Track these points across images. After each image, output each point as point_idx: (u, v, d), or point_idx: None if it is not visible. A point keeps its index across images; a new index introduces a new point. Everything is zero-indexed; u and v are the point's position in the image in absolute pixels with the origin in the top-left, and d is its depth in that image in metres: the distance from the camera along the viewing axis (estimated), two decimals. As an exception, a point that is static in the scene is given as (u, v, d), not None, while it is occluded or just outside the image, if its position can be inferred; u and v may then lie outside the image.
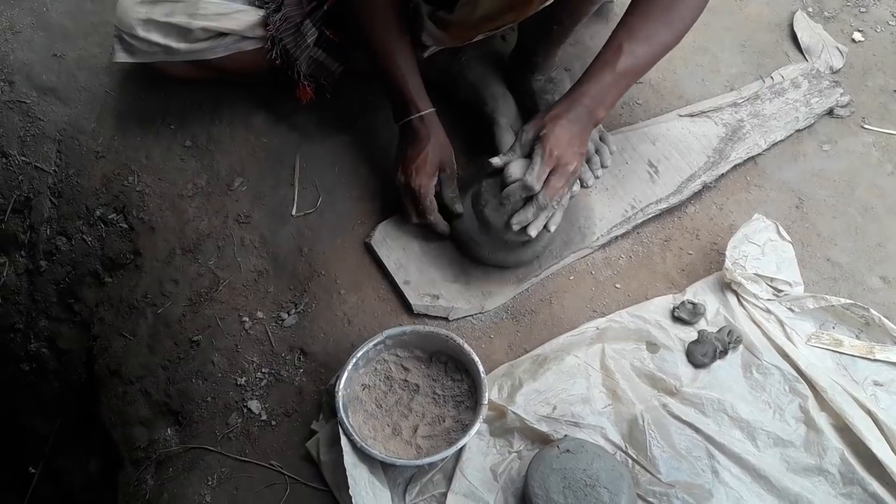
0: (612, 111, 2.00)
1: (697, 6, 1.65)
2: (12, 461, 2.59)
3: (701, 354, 1.67)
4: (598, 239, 1.86)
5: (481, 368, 1.60)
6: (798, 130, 2.04)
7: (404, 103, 1.76)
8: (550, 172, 1.61)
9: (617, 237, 1.89)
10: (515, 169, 1.63)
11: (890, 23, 2.28)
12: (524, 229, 1.65)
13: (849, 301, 1.71)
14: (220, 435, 1.72)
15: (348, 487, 1.48)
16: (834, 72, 2.16)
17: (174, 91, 2.11)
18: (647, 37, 1.63)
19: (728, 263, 1.73)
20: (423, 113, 1.76)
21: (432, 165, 1.77)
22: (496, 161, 1.67)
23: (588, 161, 1.86)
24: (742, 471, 1.55)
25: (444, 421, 1.62)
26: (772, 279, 1.74)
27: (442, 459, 1.57)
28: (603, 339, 1.71)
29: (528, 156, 1.65)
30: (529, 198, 1.63)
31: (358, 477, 1.50)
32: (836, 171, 1.99)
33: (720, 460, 1.56)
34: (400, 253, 1.85)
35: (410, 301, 1.79)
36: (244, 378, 1.76)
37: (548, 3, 1.54)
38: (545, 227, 1.67)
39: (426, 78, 1.93)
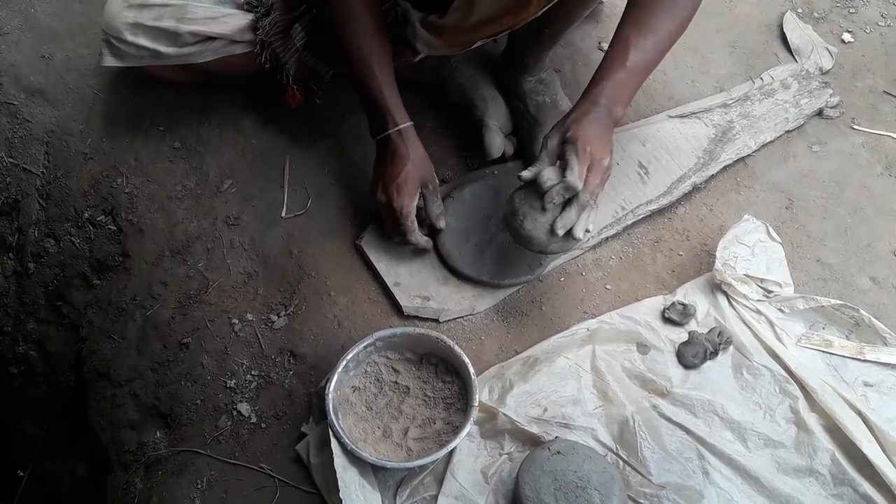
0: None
1: None
2: (0, 464, 2.58)
3: (691, 355, 1.67)
4: (588, 240, 1.86)
5: (472, 370, 1.60)
6: (788, 131, 2.04)
7: (381, 117, 1.74)
8: (587, 170, 1.58)
9: (607, 238, 1.89)
10: (550, 174, 1.58)
11: (879, 23, 2.28)
12: (568, 234, 1.60)
13: (839, 302, 1.71)
14: (209, 438, 1.71)
15: (338, 490, 1.47)
16: (823, 73, 2.17)
17: (163, 93, 2.10)
18: (653, 29, 1.62)
19: (718, 264, 1.73)
20: (400, 127, 1.73)
21: (414, 184, 1.75)
22: (526, 174, 1.62)
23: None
24: (733, 472, 1.55)
25: (435, 423, 1.62)
26: (762, 280, 1.75)
27: (432, 462, 1.57)
28: (593, 341, 1.71)
29: (555, 163, 1.61)
30: (567, 201, 1.59)
31: (348, 479, 1.50)
32: (826, 171, 2.00)
33: (711, 461, 1.56)
34: (390, 255, 1.84)
35: (401, 303, 1.79)
36: (234, 380, 1.75)
37: (545, 9, 1.54)
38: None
39: (415, 80, 1.94)
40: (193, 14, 1.84)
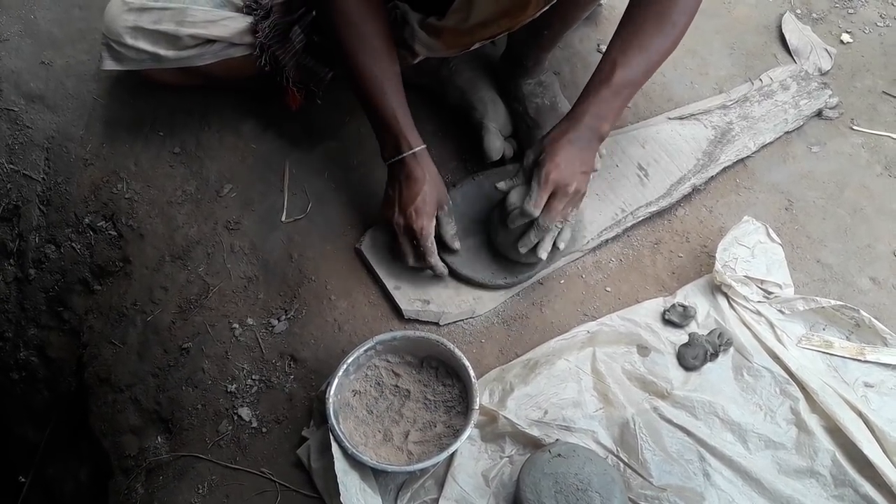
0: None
1: (690, 11, 1.64)
2: (2, 470, 2.58)
3: (692, 357, 1.67)
4: (588, 243, 1.86)
5: (472, 373, 1.60)
6: (787, 132, 2.05)
7: (395, 140, 1.71)
8: (551, 196, 1.62)
9: (607, 241, 1.89)
10: (514, 196, 1.66)
11: (878, 24, 2.28)
12: (534, 251, 1.68)
13: (839, 303, 1.71)
14: (210, 443, 1.71)
15: (339, 494, 1.47)
16: (822, 73, 2.17)
17: (163, 98, 2.11)
18: (642, 46, 1.63)
19: (718, 266, 1.73)
20: (415, 150, 1.72)
21: (431, 206, 1.73)
22: (501, 185, 1.69)
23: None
24: (734, 473, 1.55)
25: (436, 426, 1.61)
26: (762, 281, 1.75)
27: (433, 465, 1.56)
28: (594, 343, 1.71)
29: (529, 179, 1.66)
30: (530, 223, 1.65)
31: (349, 483, 1.50)
32: (826, 172, 2.00)
33: (712, 463, 1.56)
34: (390, 258, 1.84)
35: (401, 306, 1.79)
36: (234, 385, 1.75)
37: (543, 11, 1.54)
38: (555, 245, 1.70)
39: (414, 82, 1.94)
40: (193, 17, 1.84)
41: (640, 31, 1.63)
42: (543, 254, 1.69)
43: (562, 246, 1.71)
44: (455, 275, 1.81)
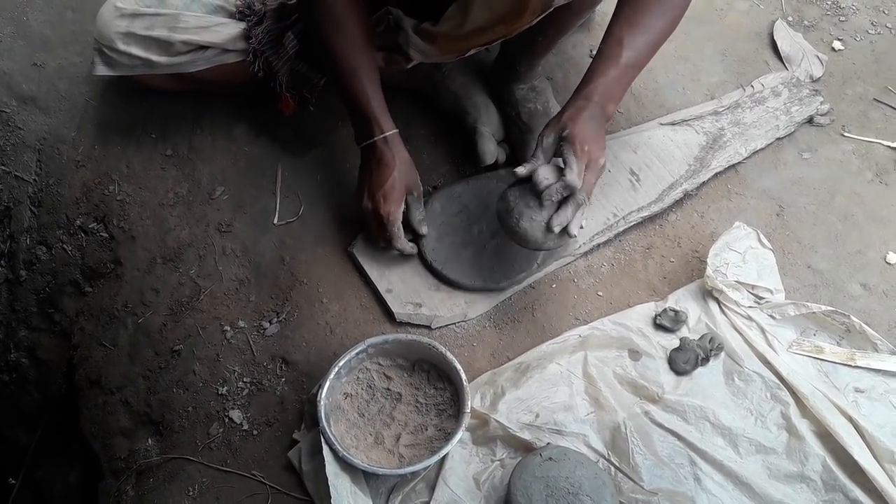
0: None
1: None
2: (-8, 472, 2.57)
3: (683, 362, 1.68)
4: (580, 247, 1.86)
5: (464, 377, 1.60)
6: (778, 138, 2.05)
7: (367, 125, 1.74)
8: (585, 169, 1.60)
9: (599, 245, 1.89)
10: (547, 172, 1.60)
11: (869, 31, 2.29)
12: (564, 230, 1.61)
13: (830, 308, 1.72)
14: (201, 445, 1.71)
15: (330, 497, 1.47)
16: (814, 80, 2.17)
17: (155, 100, 2.10)
18: (645, 27, 1.63)
19: (709, 271, 1.74)
20: (386, 134, 1.73)
21: (399, 191, 1.75)
22: (522, 171, 1.62)
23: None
24: (724, 478, 1.55)
25: (427, 429, 1.61)
26: (753, 286, 1.75)
27: (424, 468, 1.57)
28: (585, 347, 1.71)
29: (549, 160, 1.63)
30: (564, 199, 1.60)
31: (340, 486, 1.50)
32: (817, 178, 2.01)
33: (702, 467, 1.56)
34: (382, 261, 1.84)
35: (393, 309, 1.79)
36: (225, 387, 1.75)
37: (539, 18, 1.54)
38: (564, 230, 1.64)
39: (408, 87, 1.94)
40: (185, 23, 1.84)
41: (642, 12, 1.62)
42: (576, 230, 1.62)
43: (584, 224, 1.66)
44: (443, 279, 1.81)
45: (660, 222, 1.93)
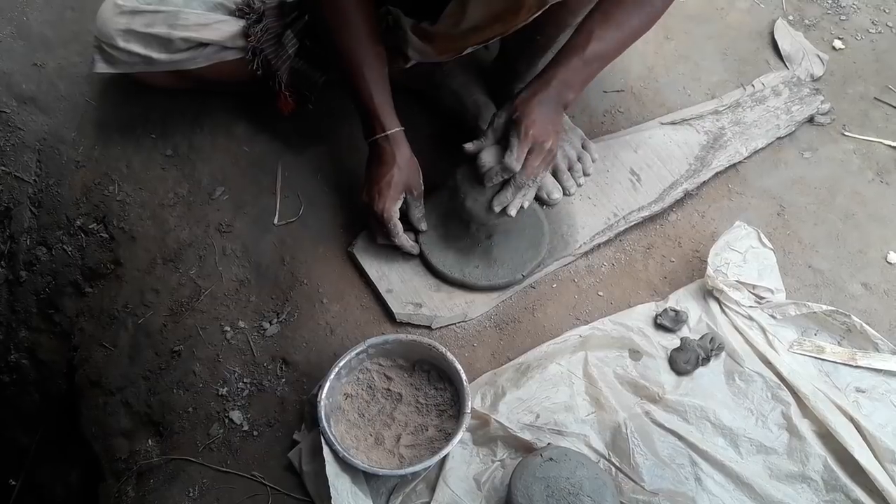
0: (594, 119, 2.02)
1: None
2: (-8, 474, 2.57)
3: (683, 362, 1.67)
4: (580, 247, 1.86)
5: (464, 377, 1.60)
6: (779, 138, 2.05)
7: (371, 122, 1.75)
8: (528, 152, 1.64)
9: (599, 245, 1.89)
10: (487, 155, 1.67)
11: (870, 30, 2.29)
12: (504, 211, 1.68)
13: (830, 308, 1.71)
14: (201, 446, 1.71)
15: (331, 498, 1.47)
16: (814, 79, 2.17)
17: (155, 100, 2.10)
18: (619, 23, 1.65)
19: (710, 271, 1.73)
20: (388, 132, 1.74)
21: (397, 188, 1.76)
22: (469, 147, 1.70)
23: (570, 169, 1.89)
24: (725, 478, 1.55)
25: (427, 430, 1.61)
26: (754, 286, 1.75)
27: (425, 469, 1.56)
28: (586, 347, 1.71)
29: (500, 141, 1.67)
30: (506, 181, 1.66)
31: (340, 487, 1.50)
32: (817, 178, 2.00)
33: (703, 468, 1.56)
34: (382, 261, 1.84)
35: (393, 310, 1.78)
36: (226, 388, 1.75)
37: (535, 16, 1.54)
38: (521, 205, 1.70)
39: (408, 87, 1.94)
40: (185, 20, 1.84)
41: (619, 7, 1.65)
42: (514, 211, 1.68)
43: (526, 205, 1.71)
44: (442, 277, 1.81)
45: (660, 222, 1.93)
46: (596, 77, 1.74)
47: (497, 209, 1.68)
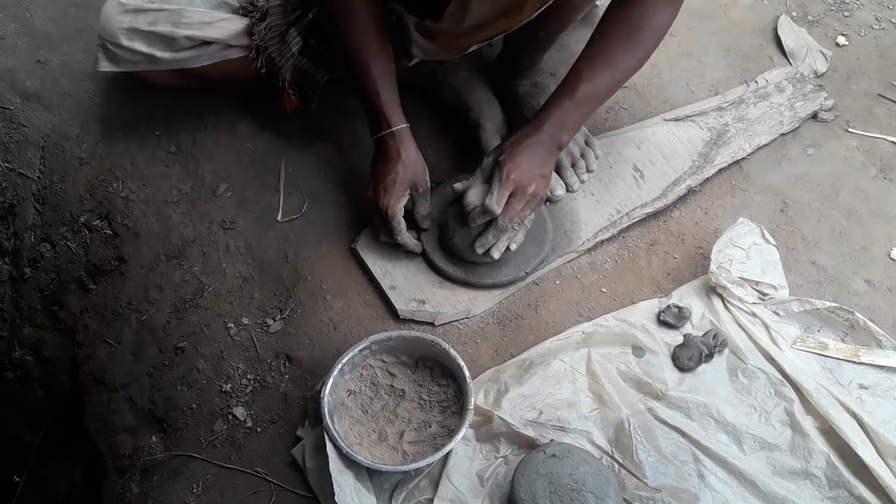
0: (597, 116, 2.02)
1: (659, 33, 1.70)
2: (-4, 470, 2.57)
3: (686, 358, 1.67)
4: (583, 243, 1.86)
5: (467, 373, 1.60)
6: (782, 134, 2.05)
7: (377, 118, 1.75)
8: (510, 195, 1.66)
9: (603, 241, 1.89)
10: (472, 195, 1.70)
11: (874, 27, 2.29)
12: (488, 252, 1.71)
13: (834, 304, 1.71)
14: (205, 442, 1.71)
15: (334, 494, 1.47)
16: (818, 76, 2.17)
17: (159, 97, 2.10)
18: (608, 64, 1.69)
19: (713, 267, 1.73)
20: (394, 129, 1.74)
21: (401, 185, 1.76)
22: (457, 186, 1.74)
23: (573, 165, 1.89)
24: (728, 475, 1.55)
25: (431, 426, 1.61)
26: (757, 283, 1.75)
27: (428, 465, 1.57)
28: (589, 344, 1.71)
29: (488, 181, 1.70)
30: (492, 221, 1.68)
31: (343, 483, 1.50)
32: (821, 174, 2.00)
33: (706, 464, 1.56)
34: (386, 258, 1.84)
35: (396, 306, 1.79)
36: (229, 385, 1.75)
37: (539, 12, 1.54)
38: (507, 247, 1.73)
39: (411, 83, 1.93)
40: (189, 19, 1.84)
41: (608, 48, 1.68)
42: (497, 254, 1.71)
43: (513, 247, 1.73)
44: (443, 274, 1.82)
45: (663, 218, 1.93)
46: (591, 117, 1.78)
47: (479, 251, 1.71)
